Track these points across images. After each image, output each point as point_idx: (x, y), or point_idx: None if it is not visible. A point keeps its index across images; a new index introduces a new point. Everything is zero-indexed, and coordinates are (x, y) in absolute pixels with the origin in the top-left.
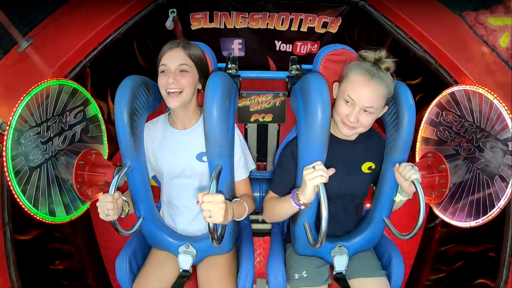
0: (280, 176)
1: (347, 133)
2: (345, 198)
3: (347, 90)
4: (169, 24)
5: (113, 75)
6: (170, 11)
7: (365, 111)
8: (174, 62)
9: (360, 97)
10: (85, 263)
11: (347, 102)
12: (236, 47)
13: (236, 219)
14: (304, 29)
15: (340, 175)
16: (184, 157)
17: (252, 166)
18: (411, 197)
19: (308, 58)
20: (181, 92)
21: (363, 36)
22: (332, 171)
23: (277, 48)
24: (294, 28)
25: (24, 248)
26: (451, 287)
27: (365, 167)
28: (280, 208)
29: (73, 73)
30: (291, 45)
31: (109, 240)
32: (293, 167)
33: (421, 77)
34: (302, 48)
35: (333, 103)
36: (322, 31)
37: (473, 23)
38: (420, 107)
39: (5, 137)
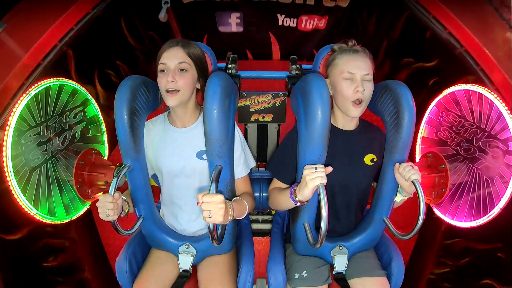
0: (281, 159)
1: (356, 113)
2: (348, 190)
3: (343, 69)
4: (162, 15)
5: (99, 57)
6: (163, 1)
7: (365, 81)
8: (173, 60)
9: (357, 67)
10: (80, 255)
11: (348, 79)
12: (233, 22)
13: (237, 218)
14: (310, 1)
15: (343, 166)
16: (184, 155)
17: (253, 163)
18: (411, 196)
19: (314, 35)
20: (179, 91)
21: (374, 12)
22: (329, 169)
23: (280, 23)
24: (300, 0)
25: (13, 248)
26: (456, 284)
27: (368, 159)
28: (281, 200)
29: (50, 57)
30: (295, 20)
31: (111, 237)
32: (295, 152)
33: (437, 60)
34: (308, 23)
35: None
36: (331, 4)
37: (499, 5)
38: (433, 93)
39: (5, 137)
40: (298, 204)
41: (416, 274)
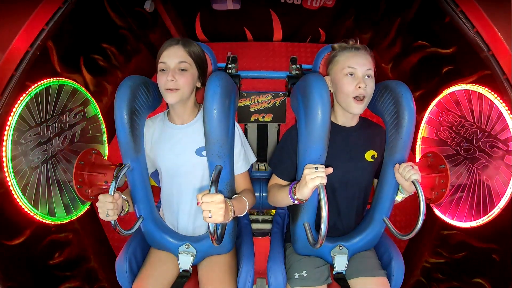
0: (280, 156)
1: (358, 110)
2: (348, 186)
3: (345, 65)
4: (148, 6)
5: (83, 42)
6: None
7: (367, 76)
8: (174, 59)
9: (358, 63)
10: (85, 246)
11: (350, 74)
12: None
13: (238, 215)
14: None
15: (343, 162)
16: (183, 151)
17: (253, 159)
18: (411, 194)
19: (321, 13)
20: (179, 89)
21: None
22: (330, 170)
23: (283, 0)
24: None
25: (19, 252)
26: (449, 276)
27: (368, 155)
28: (280, 197)
29: (23, 65)
30: None
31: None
32: (294, 149)
33: (455, 48)
34: (315, 0)
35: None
36: None
37: None
38: (445, 82)
39: (5, 137)
40: (296, 202)
41: (412, 260)
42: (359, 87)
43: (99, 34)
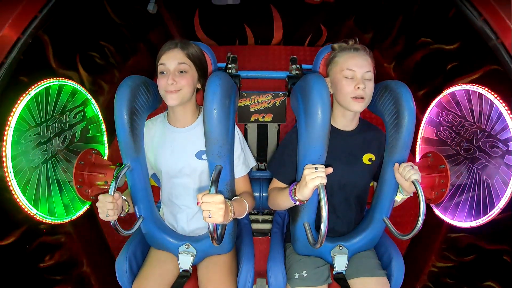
0: (281, 159)
1: (358, 108)
2: (346, 189)
3: (344, 66)
4: (151, 8)
5: (80, 39)
6: None
7: (366, 79)
8: (173, 62)
9: (358, 64)
10: (78, 249)
11: (348, 77)
12: None
13: (237, 217)
14: None
15: (341, 165)
16: (183, 155)
17: (253, 163)
18: (411, 195)
19: (323, 9)
20: (179, 90)
21: None
22: (330, 170)
23: None
24: None
25: (7, 254)
26: (459, 281)
27: (366, 158)
28: (280, 199)
29: (13, 53)
30: None
31: (115, 232)
32: (295, 152)
33: (459, 43)
34: None
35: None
36: None
37: None
38: (450, 78)
39: (5, 137)
40: (298, 203)
41: (418, 264)
42: (358, 87)
43: (97, 31)
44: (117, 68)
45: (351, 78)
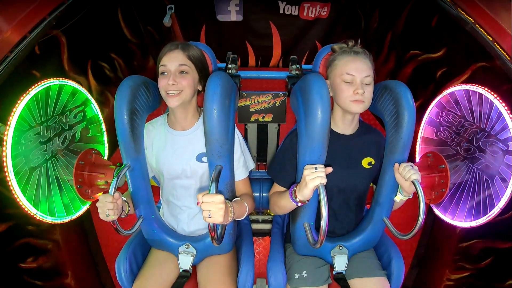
0: (281, 163)
1: (358, 109)
2: (345, 193)
3: (343, 71)
4: (167, 21)
5: (93, 47)
6: (168, 7)
7: (365, 84)
8: (174, 63)
9: (357, 69)
10: (64, 260)
11: (347, 81)
12: (233, 10)
13: (237, 219)
14: None
15: (340, 169)
16: (184, 158)
17: (252, 165)
18: (411, 197)
19: (316, 24)
20: (181, 92)
21: (377, 8)
22: (329, 169)
23: (281, 11)
24: None
25: None
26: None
27: (365, 162)
28: (282, 203)
29: (38, 30)
30: (297, 7)
31: (110, 238)
32: (295, 156)
33: (445, 49)
34: (310, 10)
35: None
36: None
37: None
38: (441, 84)
39: (5, 137)
40: (299, 204)
41: (431, 281)
42: (357, 92)
43: (109, 43)
44: None
45: (350, 83)
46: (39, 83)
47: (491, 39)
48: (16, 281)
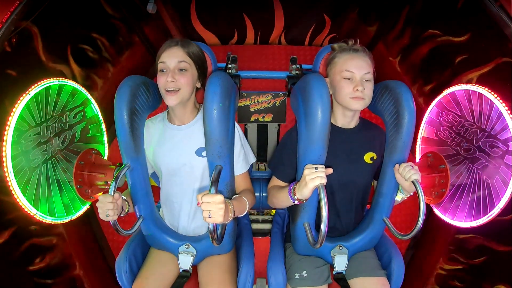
0: (280, 157)
1: (358, 106)
2: (347, 188)
3: (343, 68)
4: (151, 7)
5: (71, 30)
6: None
7: (365, 80)
8: (173, 60)
9: (357, 66)
10: (70, 251)
11: (347, 78)
12: None
13: (238, 216)
14: None
15: (342, 164)
16: (183, 152)
17: (253, 159)
18: (411, 194)
19: None
20: (179, 89)
21: None
22: (330, 170)
23: None
24: None
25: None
26: (468, 283)
27: (368, 157)
28: (279, 198)
29: (2, 29)
30: None
31: (115, 233)
32: (295, 151)
33: (469, 35)
34: None
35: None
36: None
37: None
38: (459, 72)
39: (5, 137)
40: (297, 202)
41: (425, 267)
42: (357, 89)
43: (89, 22)
44: (111, 62)
45: (349, 79)
46: (39, 83)
47: None
48: (27, 286)
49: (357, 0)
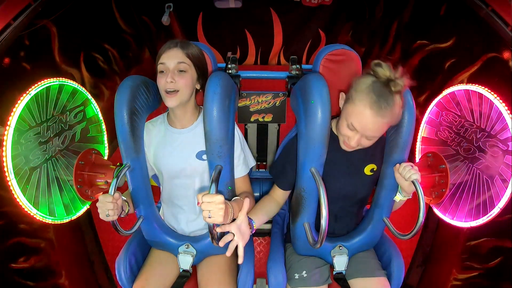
0: (282, 166)
1: (349, 149)
2: (346, 199)
3: (351, 117)
4: (165, 19)
5: (86, 38)
6: (166, 5)
7: (369, 138)
8: (173, 61)
9: (364, 128)
10: (57, 259)
11: (351, 130)
12: None
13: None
14: None
15: (342, 176)
16: (183, 156)
17: (252, 163)
18: (410, 197)
19: (321, 11)
20: (178, 91)
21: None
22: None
23: None
24: None
25: None
26: None
27: (368, 169)
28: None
29: (21, 17)
30: None
31: (110, 239)
32: (295, 161)
33: (454, 39)
34: None
35: (338, 111)
36: None
37: None
38: (449, 77)
39: (5, 137)
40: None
41: (437, 280)
42: (357, 145)
43: (102, 33)
44: (119, 75)
45: (354, 132)
46: (38, 83)
47: (508, 25)
48: (7, 283)
49: (348, 18)
